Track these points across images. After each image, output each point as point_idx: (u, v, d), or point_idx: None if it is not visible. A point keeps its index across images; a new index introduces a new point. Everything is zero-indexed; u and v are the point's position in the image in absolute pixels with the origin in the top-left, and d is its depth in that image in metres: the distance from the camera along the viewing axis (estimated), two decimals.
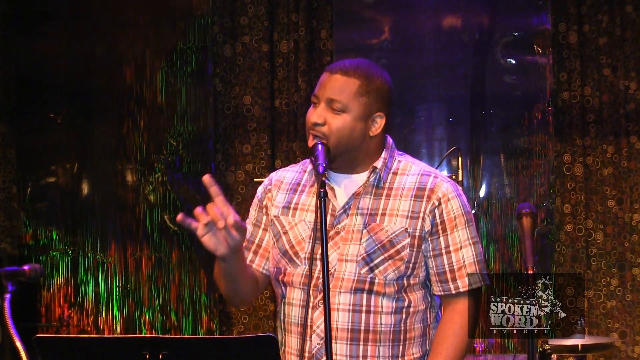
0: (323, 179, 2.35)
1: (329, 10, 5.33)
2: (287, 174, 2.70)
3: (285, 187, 2.66)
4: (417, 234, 2.51)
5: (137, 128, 5.35)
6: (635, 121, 5.13)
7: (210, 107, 5.36)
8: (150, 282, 5.34)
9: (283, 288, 2.59)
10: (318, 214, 2.30)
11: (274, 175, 2.73)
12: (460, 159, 4.67)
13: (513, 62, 5.44)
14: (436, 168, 3.05)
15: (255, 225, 2.69)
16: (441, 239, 2.53)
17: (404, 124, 5.50)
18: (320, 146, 2.46)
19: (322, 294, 2.31)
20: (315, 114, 2.52)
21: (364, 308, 2.49)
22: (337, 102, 2.50)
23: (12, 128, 5.40)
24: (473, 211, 5.29)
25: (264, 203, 2.68)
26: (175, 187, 5.35)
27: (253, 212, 2.71)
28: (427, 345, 2.58)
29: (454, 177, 4.52)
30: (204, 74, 5.36)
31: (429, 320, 2.59)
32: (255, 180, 5.08)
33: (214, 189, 2.31)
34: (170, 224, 5.34)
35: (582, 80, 5.18)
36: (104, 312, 5.35)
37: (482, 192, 5.40)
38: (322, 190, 2.31)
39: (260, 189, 2.73)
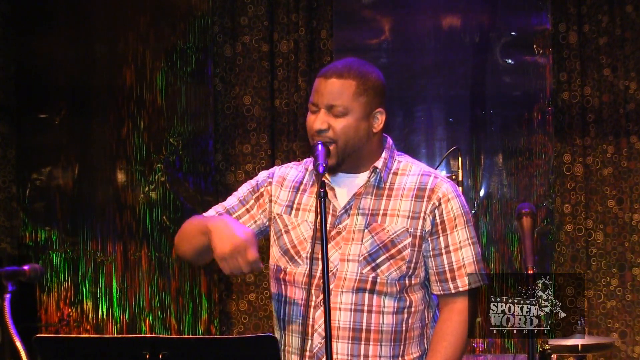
0: (323, 179, 2.35)
1: (329, 10, 5.33)
2: (290, 171, 2.69)
3: (288, 184, 2.66)
4: (418, 233, 2.52)
5: (137, 128, 5.34)
6: (635, 121, 5.13)
7: (210, 107, 5.35)
8: (150, 281, 5.34)
9: (283, 287, 2.60)
10: (317, 215, 2.30)
11: (277, 170, 2.71)
12: (460, 159, 4.67)
13: (513, 62, 5.44)
14: (436, 168, 3.06)
15: (241, 202, 2.67)
16: (441, 238, 2.54)
17: (404, 124, 5.49)
18: (320, 146, 2.45)
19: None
20: (317, 121, 2.50)
21: (365, 308, 2.50)
22: (337, 107, 2.49)
23: (12, 128, 5.39)
24: (473, 211, 5.30)
25: (261, 191, 2.67)
26: (175, 187, 5.35)
27: (244, 189, 2.69)
28: (425, 344, 2.59)
29: (454, 177, 4.52)
30: (204, 74, 5.36)
31: (427, 319, 2.60)
32: None
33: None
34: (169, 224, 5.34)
35: (582, 80, 5.18)
36: (103, 311, 5.34)
37: (482, 192, 5.39)
38: (321, 190, 2.31)
39: (262, 175, 2.70)
